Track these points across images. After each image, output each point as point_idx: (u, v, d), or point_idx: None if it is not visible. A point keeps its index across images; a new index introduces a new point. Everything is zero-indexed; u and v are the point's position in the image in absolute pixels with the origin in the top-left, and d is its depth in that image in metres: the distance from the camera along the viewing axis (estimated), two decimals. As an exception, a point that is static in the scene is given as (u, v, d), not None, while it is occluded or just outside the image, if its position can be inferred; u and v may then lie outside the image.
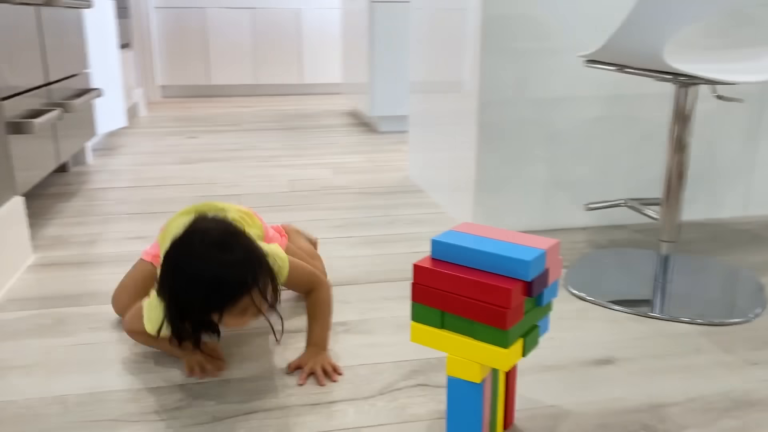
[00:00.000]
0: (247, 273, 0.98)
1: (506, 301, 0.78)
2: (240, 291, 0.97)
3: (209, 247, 0.98)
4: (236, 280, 0.97)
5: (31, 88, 1.86)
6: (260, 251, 1.04)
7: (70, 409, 1.01)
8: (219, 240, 0.99)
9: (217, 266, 0.96)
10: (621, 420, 0.99)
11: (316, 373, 1.09)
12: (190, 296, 0.97)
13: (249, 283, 0.98)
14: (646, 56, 1.23)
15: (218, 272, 0.96)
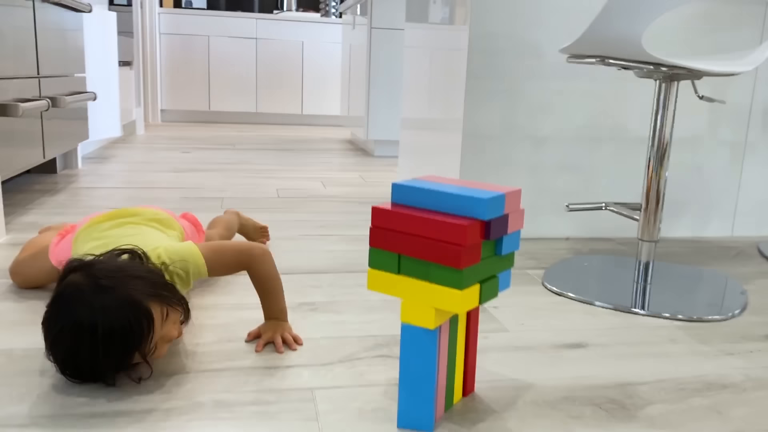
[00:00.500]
0: (132, 292, 0.89)
1: (461, 238, 0.76)
2: (140, 311, 0.88)
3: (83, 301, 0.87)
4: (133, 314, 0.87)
5: (22, 77, 1.87)
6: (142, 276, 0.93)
7: (15, 360, 0.98)
8: (92, 288, 0.88)
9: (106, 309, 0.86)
10: (587, 394, 0.95)
11: (275, 341, 1.05)
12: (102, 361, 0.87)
13: (138, 300, 0.88)
14: (625, 44, 1.24)
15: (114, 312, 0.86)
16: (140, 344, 0.88)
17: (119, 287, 0.88)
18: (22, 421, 0.81)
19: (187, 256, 1.05)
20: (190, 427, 0.81)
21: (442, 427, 0.84)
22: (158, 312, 0.90)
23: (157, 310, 0.90)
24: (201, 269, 1.06)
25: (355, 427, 0.83)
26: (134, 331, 0.87)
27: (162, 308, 0.91)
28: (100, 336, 0.85)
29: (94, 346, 0.85)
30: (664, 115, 1.39)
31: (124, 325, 0.86)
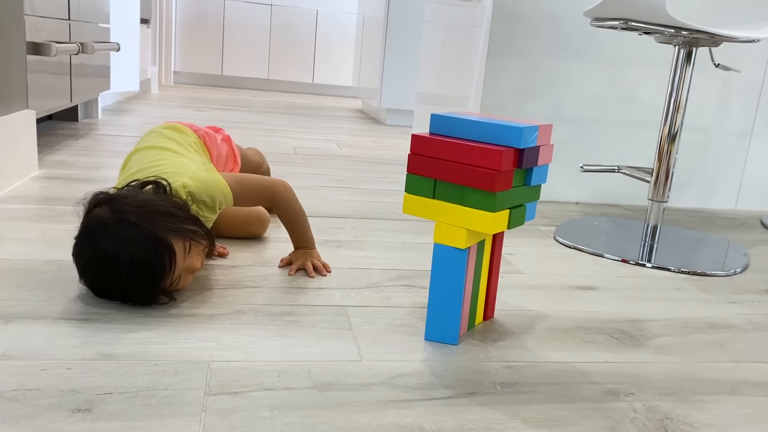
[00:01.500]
0: (155, 228, 0.91)
1: (497, 164, 0.82)
2: (163, 246, 0.90)
3: (111, 234, 0.90)
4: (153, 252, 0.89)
5: (54, 18, 1.92)
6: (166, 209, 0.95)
7: (64, 269, 1.04)
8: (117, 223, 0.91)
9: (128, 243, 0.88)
10: (599, 326, 1.02)
11: (306, 267, 1.12)
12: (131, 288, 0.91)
13: (161, 237, 0.90)
14: (650, 7, 1.29)
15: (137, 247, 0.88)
16: (162, 278, 0.90)
17: (143, 223, 0.89)
18: (82, 315, 0.88)
19: (213, 185, 1.08)
20: (233, 329, 0.88)
21: (466, 343, 0.91)
22: (180, 247, 0.92)
23: (179, 245, 0.92)
24: (227, 198, 1.09)
25: (386, 337, 0.90)
26: (156, 266, 0.89)
27: (185, 242, 0.93)
28: (123, 269, 0.88)
29: (118, 278, 0.89)
30: (681, 82, 1.44)
31: (145, 260, 0.88)
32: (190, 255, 0.95)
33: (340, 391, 0.75)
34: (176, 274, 0.93)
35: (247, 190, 1.14)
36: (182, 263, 0.93)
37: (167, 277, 0.91)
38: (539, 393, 0.79)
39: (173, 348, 0.81)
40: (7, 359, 0.75)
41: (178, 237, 0.92)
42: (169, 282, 0.92)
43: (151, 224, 0.90)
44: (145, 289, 0.91)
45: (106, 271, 0.89)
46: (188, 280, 0.97)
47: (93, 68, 2.39)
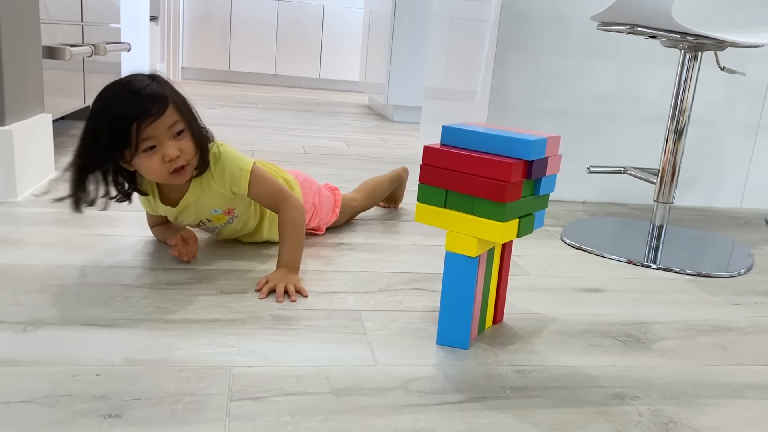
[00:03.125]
0: (165, 91, 1.03)
1: (506, 175, 0.85)
2: (158, 100, 1.01)
3: (126, 82, 1.03)
4: (152, 90, 1.01)
5: (68, 22, 1.95)
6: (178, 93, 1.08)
7: (87, 274, 1.08)
8: (138, 79, 1.04)
9: (132, 85, 1.01)
10: (605, 329, 1.05)
11: (277, 290, 1.05)
12: (108, 117, 1.00)
13: (167, 95, 1.02)
14: (656, 13, 1.31)
15: (134, 88, 1.01)
16: (141, 116, 0.99)
17: (163, 85, 1.04)
18: (107, 321, 0.91)
19: (235, 163, 1.13)
20: (252, 334, 0.91)
21: (476, 347, 0.94)
22: (172, 115, 1.03)
23: (173, 114, 1.03)
24: (242, 184, 1.13)
25: (399, 341, 0.93)
26: (146, 98, 1.00)
27: (177, 119, 1.03)
28: (125, 85, 1.01)
29: (121, 92, 1.00)
30: (687, 85, 1.46)
31: (141, 90, 1.00)
32: (177, 139, 1.04)
33: (357, 395, 0.78)
34: (150, 132, 1.00)
35: (264, 187, 1.16)
36: (163, 131, 1.02)
37: (142, 122, 0.99)
38: (548, 397, 0.82)
39: (196, 353, 0.84)
40: (40, 365, 0.79)
41: (177, 113, 1.04)
42: (142, 135, 1.00)
43: (169, 90, 1.05)
44: (123, 122, 0.99)
45: (115, 84, 1.03)
46: (155, 165, 1.04)
47: (105, 67, 2.42)
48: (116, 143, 1.01)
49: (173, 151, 1.03)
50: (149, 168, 1.05)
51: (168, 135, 1.03)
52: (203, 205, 1.16)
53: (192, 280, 1.09)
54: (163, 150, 1.03)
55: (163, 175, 1.06)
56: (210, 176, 1.13)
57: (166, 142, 1.03)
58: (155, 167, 1.04)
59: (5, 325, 0.88)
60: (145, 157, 1.03)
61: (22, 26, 1.52)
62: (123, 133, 1.00)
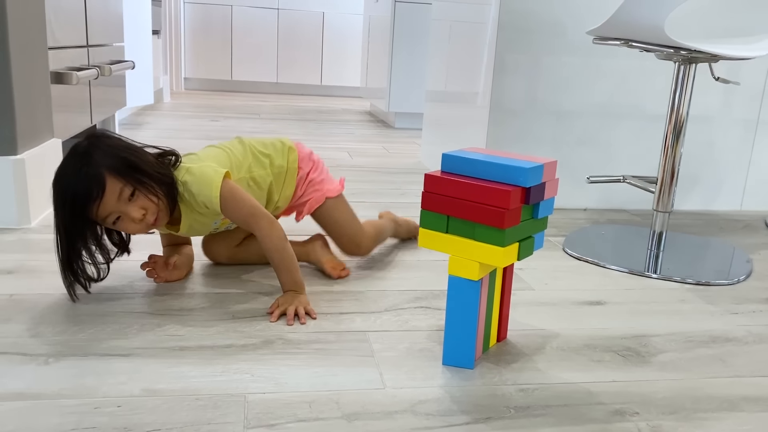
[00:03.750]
0: (98, 166, 1.04)
1: (505, 202, 0.88)
2: (95, 182, 1.03)
3: (71, 159, 1.07)
4: (84, 173, 1.04)
5: (74, 46, 1.99)
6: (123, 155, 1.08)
7: (103, 302, 1.11)
8: (80, 152, 1.07)
9: (71, 169, 1.05)
10: (606, 343, 1.08)
11: (287, 313, 1.08)
12: (66, 206, 1.05)
13: (102, 170, 1.04)
14: (649, 29, 1.34)
15: (73, 172, 1.05)
16: (87, 204, 1.04)
17: (96, 156, 1.05)
18: (125, 351, 0.95)
19: (205, 184, 1.12)
20: (264, 359, 0.95)
21: (481, 366, 0.97)
22: (117, 188, 1.05)
23: (116, 185, 1.05)
24: (211, 202, 1.12)
25: (406, 362, 0.96)
26: (81, 191, 1.03)
27: (125, 187, 1.05)
28: (64, 185, 1.05)
29: (61, 188, 1.05)
30: (682, 96, 1.49)
31: (74, 183, 1.04)
32: (131, 203, 1.07)
33: (367, 420, 0.81)
34: (106, 210, 1.05)
35: (236, 207, 1.14)
36: (114, 203, 1.06)
37: (91, 205, 1.04)
38: (550, 416, 0.85)
39: (211, 381, 0.88)
40: (63, 398, 0.82)
41: (119, 179, 1.05)
42: (100, 214, 1.05)
43: (102, 161, 1.05)
44: (77, 209, 1.04)
45: (62, 173, 1.07)
46: (131, 227, 1.08)
47: (110, 87, 2.46)
48: (85, 229, 1.09)
49: (136, 213, 1.07)
50: (129, 230, 1.12)
51: (122, 202, 1.06)
52: (202, 223, 1.19)
53: (204, 305, 1.12)
54: (128, 216, 1.07)
55: (144, 230, 1.12)
56: (192, 199, 1.14)
57: (124, 208, 1.07)
58: (132, 229, 1.10)
59: (28, 357, 0.91)
60: (119, 225, 1.09)
61: (31, 54, 1.56)
62: (84, 221, 1.07)
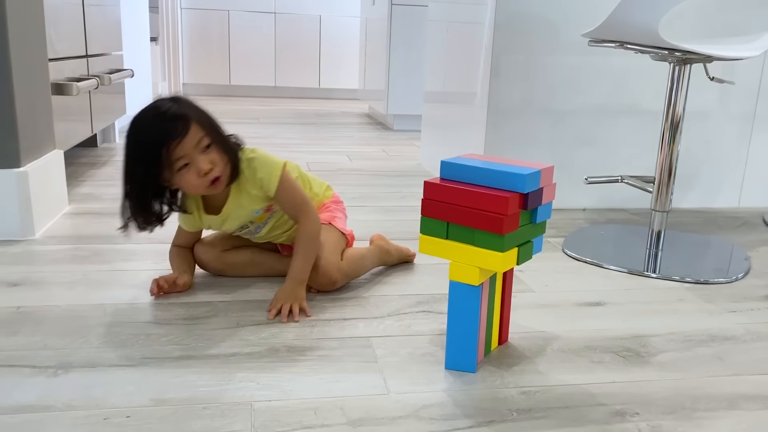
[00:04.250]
0: (186, 110, 1.11)
1: (504, 209, 0.89)
2: (181, 121, 1.08)
3: (151, 109, 1.12)
4: (174, 112, 1.09)
5: (73, 57, 2.00)
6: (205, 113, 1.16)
7: (109, 313, 1.13)
8: (167, 99, 1.13)
9: (156, 111, 1.10)
10: (606, 344, 1.09)
11: (282, 311, 1.13)
12: (140, 144, 1.09)
13: (189, 115, 1.10)
14: (643, 31, 1.35)
15: (158, 113, 1.10)
16: (169, 138, 1.07)
17: (182, 105, 1.12)
18: (133, 361, 0.96)
19: (268, 166, 1.21)
20: (269, 367, 0.96)
21: (483, 370, 0.99)
22: (198, 134, 1.10)
23: (198, 132, 1.10)
24: (271, 188, 1.20)
25: (409, 367, 0.98)
26: (170, 123, 1.08)
27: (205, 136, 1.11)
28: (150, 112, 1.11)
29: (146, 120, 1.10)
30: (677, 96, 1.51)
31: (166, 114, 1.09)
32: (204, 154, 1.11)
33: (372, 425, 0.83)
34: (181, 151, 1.09)
35: (290, 193, 1.23)
36: (191, 148, 1.10)
37: (172, 142, 1.08)
38: (552, 418, 0.86)
39: (218, 390, 0.89)
40: (72, 410, 0.84)
41: (201, 129, 1.11)
42: (174, 155, 1.08)
43: (188, 109, 1.12)
44: (157, 144, 1.07)
45: (143, 115, 1.11)
46: (193, 180, 1.12)
47: (110, 95, 2.48)
48: (153, 168, 1.10)
49: (205, 165, 1.11)
50: (188, 184, 1.13)
51: (197, 151, 1.11)
52: (245, 208, 1.23)
53: (209, 314, 1.14)
54: (196, 165, 1.11)
55: (201, 188, 1.14)
56: (245, 180, 1.20)
57: (196, 157, 1.11)
58: (193, 182, 1.12)
59: (37, 369, 0.93)
60: (182, 175, 1.11)
61: (32, 67, 1.57)
62: (156, 157, 1.08)
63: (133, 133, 1.11)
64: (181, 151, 1.09)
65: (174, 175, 1.11)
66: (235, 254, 1.32)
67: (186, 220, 1.27)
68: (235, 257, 1.32)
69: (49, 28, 1.73)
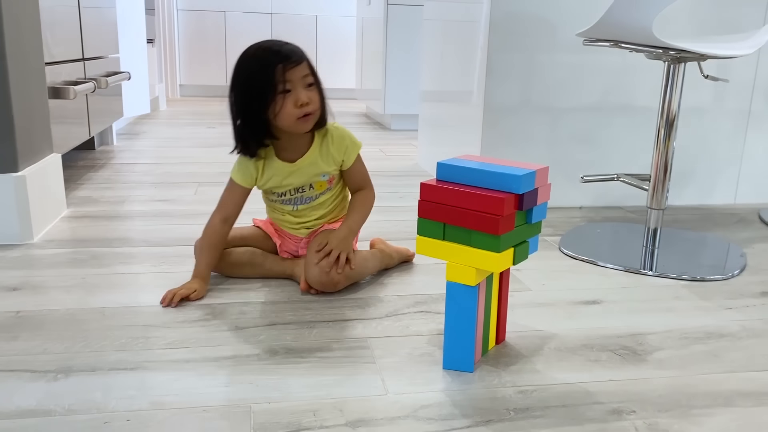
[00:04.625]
0: (301, 50, 1.22)
1: (499, 210, 0.90)
2: (297, 53, 1.19)
3: (267, 41, 1.22)
4: (291, 47, 1.20)
5: (70, 60, 2.01)
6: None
7: (108, 316, 1.13)
8: (277, 40, 1.22)
9: (274, 42, 1.21)
10: (603, 342, 1.10)
11: (330, 256, 1.23)
12: (255, 65, 1.18)
13: (303, 53, 1.21)
14: (637, 31, 1.36)
15: (276, 43, 1.21)
16: (285, 61, 1.17)
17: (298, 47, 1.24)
18: (132, 365, 0.97)
19: (352, 137, 1.34)
20: (268, 369, 0.97)
21: (481, 369, 0.99)
22: (306, 66, 1.21)
23: (306, 66, 1.21)
24: (351, 156, 1.33)
25: (408, 368, 0.99)
26: (289, 50, 1.20)
27: (309, 73, 1.21)
28: (269, 41, 1.22)
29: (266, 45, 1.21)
30: (672, 94, 1.51)
31: (283, 43, 1.21)
32: (306, 89, 1.20)
33: (371, 427, 0.83)
34: (292, 75, 1.18)
35: (361, 167, 1.36)
36: (298, 78, 1.19)
37: (288, 64, 1.18)
38: (549, 417, 0.87)
39: (217, 392, 0.90)
40: (73, 414, 0.84)
41: (310, 69, 1.22)
42: (285, 77, 1.17)
43: (301, 50, 1.24)
44: (274, 63, 1.17)
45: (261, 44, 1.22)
46: (290, 108, 1.19)
47: (107, 98, 2.48)
48: (262, 83, 1.17)
49: (304, 96, 1.19)
50: (284, 111, 1.19)
51: (302, 83, 1.20)
52: (318, 166, 1.30)
53: (207, 316, 1.15)
54: (296, 94, 1.18)
55: (292, 119, 1.20)
56: (330, 140, 1.30)
57: (299, 88, 1.19)
58: (289, 110, 1.19)
59: (38, 374, 0.93)
60: (281, 100, 1.18)
61: (28, 71, 1.58)
62: (269, 73, 1.17)
63: (252, 52, 1.20)
64: (291, 75, 1.18)
65: (274, 100, 1.18)
66: (235, 254, 1.32)
67: (244, 171, 1.29)
68: (236, 257, 1.32)
69: (46, 32, 1.73)
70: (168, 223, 1.70)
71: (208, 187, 2.09)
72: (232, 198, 1.31)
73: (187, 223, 1.69)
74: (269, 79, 1.17)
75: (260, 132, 1.24)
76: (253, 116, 1.21)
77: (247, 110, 1.22)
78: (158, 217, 1.75)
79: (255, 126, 1.23)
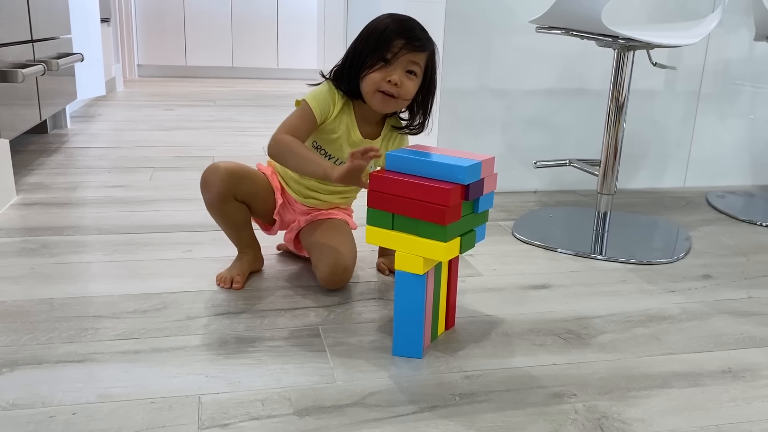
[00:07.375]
0: (432, 45, 1.20)
1: (445, 200, 0.91)
2: (422, 41, 1.17)
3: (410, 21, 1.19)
4: (424, 35, 1.18)
5: (17, 42, 1.95)
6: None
7: (57, 308, 1.12)
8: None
9: (413, 23, 1.19)
10: (549, 327, 1.13)
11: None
12: (384, 26, 1.17)
13: (431, 48, 1.19)
14: (587, 19, 1.38)
15: (415, 25, 1.18)
16: (409, 32, 1.16)
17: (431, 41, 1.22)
18: (80, 357, 0.96)
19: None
20: (218, 360, 0.97)
21: (430, 355, 1.02)
22: (422, 57, 1.18)
23: (422, 58, 1.19)
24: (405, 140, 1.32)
25: (358, 355, 1.00)
26: (422, 35, 1.18)
27: (420, 66, 1.18)
28: (415, 22, 1.20)
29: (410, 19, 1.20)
30: (621, 81, 1.54)
31: (421, 27, 1.19)
32: (404, 75, 1.17)
33: (318, 415, 0.85)
34: (400, 55, 1.16)
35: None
36: (405, 61, 1.17)
37: (410, 35, 1.16)
38: (493, 401, 0.90)
39: (166, 384, 0.90)
40: (17, 408, 0.84)
41: (423, 66, 1.20)
42: (397, 45, 1.15)
43: (432, 45, 1.22)
44: (401, 29, 1.16)
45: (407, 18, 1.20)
46: (378, 80, 1.17)
47: (59, 81, 2.42)
48: (377, 41, 1.16)
49: (396, 76, 1.16)
50: (370, 77, 1.17)
51: (404, 65, 1.16)
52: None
53: (159, 306, 1.14)
54: (389, 70, 1.16)
55: (372, 87, 1.17)
56: (397, 143, 1.30)
57: (399, 68, 1.16)
58: (374, 78, 1.17)
59: (-19, 369, 0.92)
60: (375, 67, 1.16)
61: (-28, 56, 1.53)
62: (387, 38, 1.15)
63: (389, 16, 1.19)
64: (401, 53, 1.15)
65: (376, 61, 1.16)
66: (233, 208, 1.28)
67: (323, 101, 1.22)
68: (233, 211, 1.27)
69: (-10, 14, 1.68)
70: (122, 210, 1.67)
71: (163, 172, 2.07)
72: (304, 125, 1.23)
73: (142, 210, 1.68)
74: (384, 42, 1.15)
75: (353, 80, 1.21)
76: (355, 63, 1.19)
77: (354, 55, 1.20)
78: (112, 203, 1.73)
79: (352, 72, 1.20)
